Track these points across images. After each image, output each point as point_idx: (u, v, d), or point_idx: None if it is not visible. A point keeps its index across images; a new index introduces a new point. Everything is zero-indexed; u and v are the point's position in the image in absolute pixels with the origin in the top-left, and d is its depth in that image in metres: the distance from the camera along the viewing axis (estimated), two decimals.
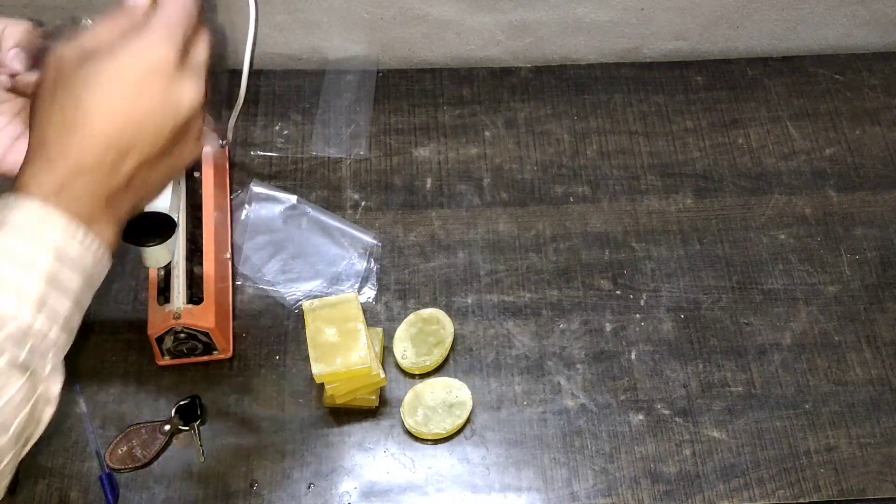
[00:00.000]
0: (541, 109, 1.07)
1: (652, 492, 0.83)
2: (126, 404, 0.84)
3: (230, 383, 0.86)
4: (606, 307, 0.93)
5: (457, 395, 0.84)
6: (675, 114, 1.07)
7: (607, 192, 1.01)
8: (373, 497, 0.81)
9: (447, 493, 0.82)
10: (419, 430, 0.83)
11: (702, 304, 0.94)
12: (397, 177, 1.01)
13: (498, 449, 0.84)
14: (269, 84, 1.07)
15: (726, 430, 0.86)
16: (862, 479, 0.84)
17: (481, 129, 1.05)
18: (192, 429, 0.83)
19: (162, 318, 0.80)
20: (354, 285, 0.92)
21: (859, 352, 0.91)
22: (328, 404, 0.85)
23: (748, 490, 0.83)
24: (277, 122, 1.04)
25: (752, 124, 1.07)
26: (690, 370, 0.89)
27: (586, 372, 0.89)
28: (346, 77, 1.08)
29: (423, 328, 0.88)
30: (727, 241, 0.98)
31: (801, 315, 0.93)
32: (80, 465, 0.81)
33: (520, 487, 0.83)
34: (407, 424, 0.83)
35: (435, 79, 1.09)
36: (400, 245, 0.96)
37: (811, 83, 1.11)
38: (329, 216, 0.96)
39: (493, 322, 0.91)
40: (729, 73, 1.11)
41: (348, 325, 0.81)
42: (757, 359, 0.90)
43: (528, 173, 1.02)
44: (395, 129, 1.04)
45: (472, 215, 0.98)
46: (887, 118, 1.08)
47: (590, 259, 0.96)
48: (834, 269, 0.97)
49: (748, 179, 1.03)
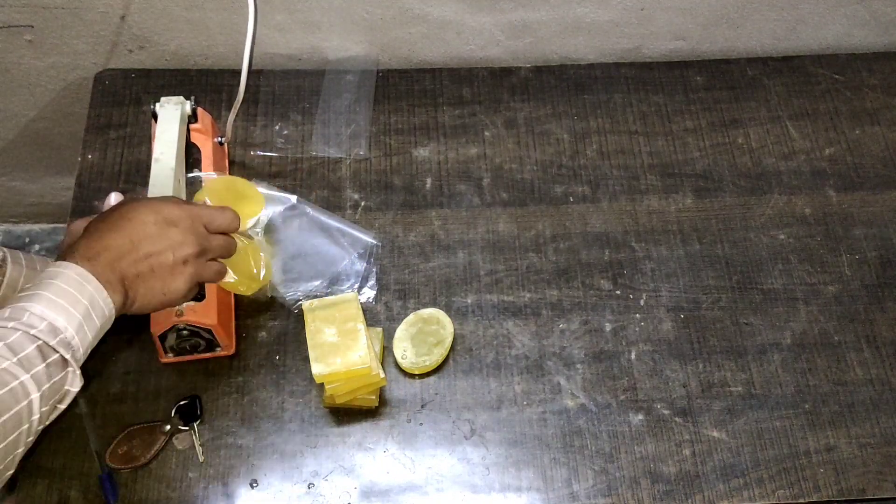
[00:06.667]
0: (541, 109, 1.07)
1: (652, 492, 0.83)
2: (126, 404, 0.84)
3: (230, 383, 0.86)
4: (606, 307, 0.93)
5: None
6: (675, 114, 1.07)
7: (607, 192, 1.01)
8: (373, 497, 0.81)
9: (447, 493, 0.82)
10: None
11: (702, 304, 0.94)
12: (397, 177, 1.01)
13: (498, 449, 0.84)
14: (269, 84, 1.07)
15: (726, 430, 0.86)
16: (862, 479, 0.84)
17: (481, 129, 1.05)
18: (192, 429, 0.83)
19: (165, 315, 0.80)
20: (354, 285, 0.92)
21: (859, 352, 0.91)
22: (328, 404, 0.85)
23: (748, 490, 0.83)
24: (277, 122, 1.04)
25: (752, 124, 1.07)
26: (690, 370, 0.90)
27: (586, 372, 0.89)
28: (346, 77, 1.08)
29: (423, 328, 0.88)
30: (727, 241, 0.98)
31: (801, 315, 0.94)
32: (80, 465, 0.81)
33: (520, 487, 0.83)
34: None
35: (435, 79, 1.09)
36: (400, 245, 0.96)
37: (811, 83, 1.11)
38: (329, 216, 0.96)
39: (493, 322, 0.91)
40: (729, 73, 1.12)
41: (348, 325, 0.81)
42: (757, 359, 0.91)
43: (527, 173, 1.02)
44: (395, 129, 1.04)
45: (472, 215, 0.98)
46: (887, 118, 1.08)
47: (590, 259, 0.96)
48: (834, 269, 0.97)
49: (748, 179, 1.03)
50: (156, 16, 1.02)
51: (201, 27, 1.04)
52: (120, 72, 1.07)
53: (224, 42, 1.07)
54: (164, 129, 0.86)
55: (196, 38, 1.06)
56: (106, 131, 1.01)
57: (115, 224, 0.66)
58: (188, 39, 1.06)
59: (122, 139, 1.01)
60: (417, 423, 0.85)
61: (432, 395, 0.87)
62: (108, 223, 0.66)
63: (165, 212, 0.68)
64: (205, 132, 0.92)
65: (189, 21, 1.03)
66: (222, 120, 1.01)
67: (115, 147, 1.00)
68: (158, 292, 0.68)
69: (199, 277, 0.71)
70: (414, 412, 0.86)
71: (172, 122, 0.87)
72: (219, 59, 1.09)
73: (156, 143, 0.85)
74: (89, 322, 0.60)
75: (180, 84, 1.06)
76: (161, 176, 0.82)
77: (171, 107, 0.88)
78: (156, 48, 1.07)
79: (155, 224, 0.67)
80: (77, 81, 1.12)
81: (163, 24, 1.04)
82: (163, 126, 0.87)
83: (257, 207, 0.92)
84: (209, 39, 1.06)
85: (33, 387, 0.56)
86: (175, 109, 0.88)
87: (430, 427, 0.85)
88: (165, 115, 0.88)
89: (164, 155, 0.84)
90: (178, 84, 1.06)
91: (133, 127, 1.02)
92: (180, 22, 1.03)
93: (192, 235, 0.70)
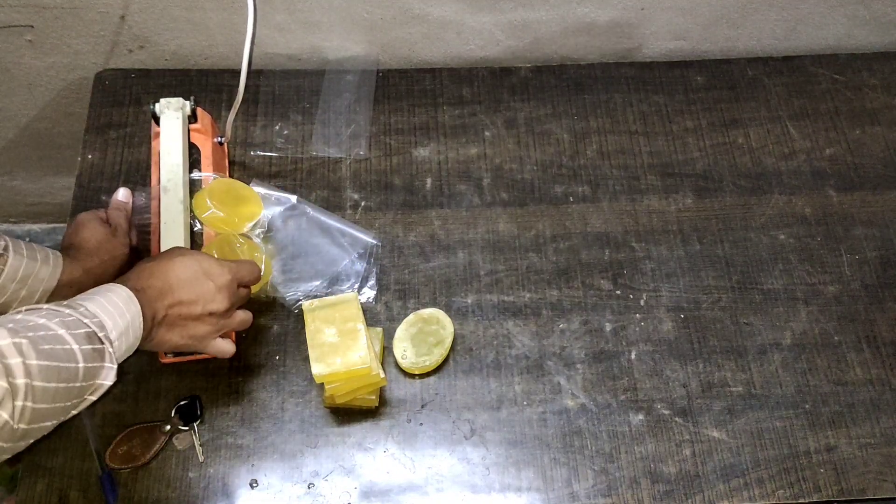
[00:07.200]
0: (541, 109, 1.07)
1: (652, 492, 0.83)
2: (126, 404, 0.84)
3: (230, 383, 0.86)
4: (606, 307, 0.93)
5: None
6: (675, 114, 1.07)
7: (607, 192, 1.01)
8: (373, 497, 0.81)
9: (447, 493, 0.82)
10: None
11: (702, 304, 0.94)
12: (397, 177, 1.01)
13: (498, 449, 0.84)
14: (269, 84, 1.07)
15: (726, 430, 0.86)
16: (862, 479, 0.84)
17: (481, 129, 1.05)
18: (192, 429, 0.83)
19: None
20: (354, 285, 0.92)
21: (859, 352, 0.91)
22: (328, 404, 0.85)
23: (748, 490, 0.83)
24: (277, 122, 1.04)
25: (752, 124, 1.07)
26: (690, 370, 0.90)
27: (586, 372, 0.89)
28: (346, 77, 1.08)
29: (423, 328, 0.88)
30: (727, 241, 0.98)
31: (801, 315, 0.93)
32: (80, 465, 0.81)
33: (520, 487, 0.83)
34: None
35: (435, 79, 1.09)
36: (400, 245, 0.96)
37: (811, 83, 1.11)
38: (329, 216, 0.96)
39: (493, 322, 0.91)
40: (729, 73, 1.12)
41: (348, 325, 0.81)
42: (757, 359, 0.91)
43: (527, 173, 1.02)
44: (395, 129, 1.04)
45: (472, 215, 0.98)
46: (887, 118, 1.08)
47: (590, 259, 0.96)
48: (834, 269, 0.97)
49: (748, 179, 1.03)
50: (156, 16, 1.02)
51: (201, 27, 1.04)
52: (120, 72, 1.07)
53: (224, 42, 1.07)
54: (168, 150, 0.87)
55: (196, 38, 1.06)
56: (106, 131, 1.01)
57: (160, 266, 0.73)
58: (188, 39, 1.06)
59: (122, 139, 1.01)
60: (417, 423, 0.85)
61: (432, 395, 0.87)
62: (155, 264, 0.73)
63: (206, 265, 0.75)
64: (204, 132, 0.92)
65: (189, 21, 1.03)
66: (222, 120, 1.01)
67: (115, 147, 1.00)
68: (177, 336, 0.74)
69: (222, 329, 0.77)
70: (414, 412, 0.86)
71: (176, 141, 0.87)
72: (219, 59, 1.09)
73: (162, 169, 0.86)
74: (127, 335, 0.65)
75: (180, 84, 1.06)
76: (171, 210, 0.84)
77: (171, 113, 0.88)
78: (156, 48, 1.07)
79: (195, 274, 0.74)
80: (77, 81, 1.12)
81: (163, 24, 1.04)
82: (166, 145, 0.87)
83: (256, 209, 0.92)
84: (209, 39, 1.06)
85: (80, 357, 0.59)
86: (176, 119, 0.88)
87: (430, 427, 0.85)
88: (168, 132, 0.88)
89: (172, 182, 0.85)
90: (178, 84, 1.06)
91: (133, 127, 1.02)
92: (180, 22, 1.03)
93: (225, 292, 0.75)
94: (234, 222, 0.89)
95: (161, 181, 0.86)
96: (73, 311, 0.62)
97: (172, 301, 0.72)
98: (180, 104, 0.89)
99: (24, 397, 0.54)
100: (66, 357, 0.58)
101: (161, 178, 0.86)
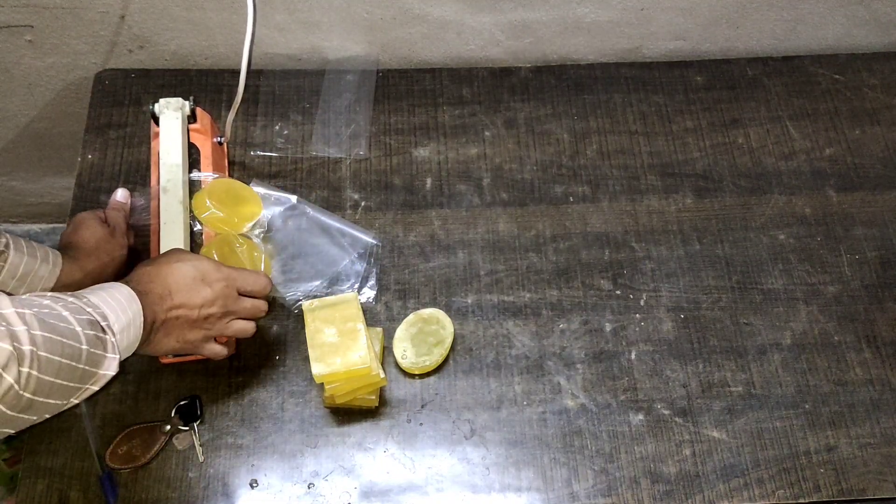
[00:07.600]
0: (541, 109, 1.07)
1: (652, 492, 0.83)
2: (126, 404, 0.84)
3: (230, 383, 0.86)
4: (606, 307, 0.93)
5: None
6: (675, 114, 1.07)
7: (607, 192, 1.01)
8: (373, 497, 0.81)
9: (447, 493, 0.82)
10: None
11: (702, 304, 0.94)
12: (397, 177, 1.01)
13: (498, 449, 0.84)
14: (269, 84, 1.07)
15: (726, 430, 0.86)
16: (862, 479, 0.84)
17: (481, 129, 1.05)
18: (192, 429, 0.83)
19: None
20: (354, 285, 0.92)
21: (859, 352, 0.91)
22: (328, 404, 0.85)
23: (748, 490, 0.83)
24: (277, 122, 1.04)
25: (752, 124, 1.07)
26: (690, 370, 0.90)
27: (586, 372, 0.89)
28: (346, 77, 1.08)
29: (423, 328, 0.88)
30: (727, 241, 0.98)
31: (801, 315, 0.93)
32: (80, 465, 0.81)
33: (520, 487, 0.83)
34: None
35: (435, 79, 1.09)
36: (400, 245, 0.96)
37: (811, 83, 1.11)
38: (329, 216, 0.96)
39: (493, 322, 0.91)
40: (729, 73, 1.12)
41: (348, 325, 0.81)
42: (757, 359, 0.91)
43: (527, 173, 1.02)
44: (395, 129, 1.04)
45: (471, 215, 0.98)
46: (887, 118, 1.08)
47: (590, 259, 0.96)
48: (834, 269, 0.97)
49: (748, 179, 1.03)
50: (156, 16, 1.02)
51: (201, 27, 1.04)
52: (120, 72, 1.07)
53: (224, 42, 1.07)
54: (167, 150, 0.87)
55: (196, 38, 1.06)
56: (106, 131, 1.01)
57: (160, 270, 0.73)
58: (188, 39, 1.06)
59: (122, 139, 1.01)
60: (417, 423, 0.85)
61: (432, 395, 0.87)
62: (154, 268, 0.73)
63: (204, 270, 0.75)
64: (204, 132, 0.92)
65: (189, 21, 1.03)
66: (222, 120, 1.01)
67: (115, 147, 1.00)
68: (173, 339, 0.74)
69: (217, 334, 0.77)
70: (414, 412, 0.86)
71: (176, 143, 0.87)
72: (219, 59, 1.09)
73: (162, 169, 0.86)
74: (129, 331, 0.66)
75: (180, 84, 1.06)
76: (171, 210, 0.84)
77: (170, 113, 0.88)
78: (156, 48, 1.07)
79: (192, 279, 0.74)
80: (77, 81, 1.12)
81: (163, 24, 1.04)
82: (166, 145, 0.87)
83: (256, 209, 0.92)
84: (209, 39, 1.06)
85: (83, 339, 0.60)
86: (175, 119, 0.88)
87: (430, 427, 0.85)
88: (167, 132, 0.88)
89: (171, 183, 0.85)
90: (178, 84, 1.06)
91: (133, 127, 1.02)
92: (180, 22, 1.03)
93: (221, 298, 0.76)
94: (234, 222, 0.89)
95: (161, 181, 0.86)
96: (76, 300, 0.63)
97: (171, 306, 0.72)
98: (180, 104, 0.89)
99: (29, 364, 0.54)
100: (69, 335, 0.59)
101: (161, 178, 0.86)
